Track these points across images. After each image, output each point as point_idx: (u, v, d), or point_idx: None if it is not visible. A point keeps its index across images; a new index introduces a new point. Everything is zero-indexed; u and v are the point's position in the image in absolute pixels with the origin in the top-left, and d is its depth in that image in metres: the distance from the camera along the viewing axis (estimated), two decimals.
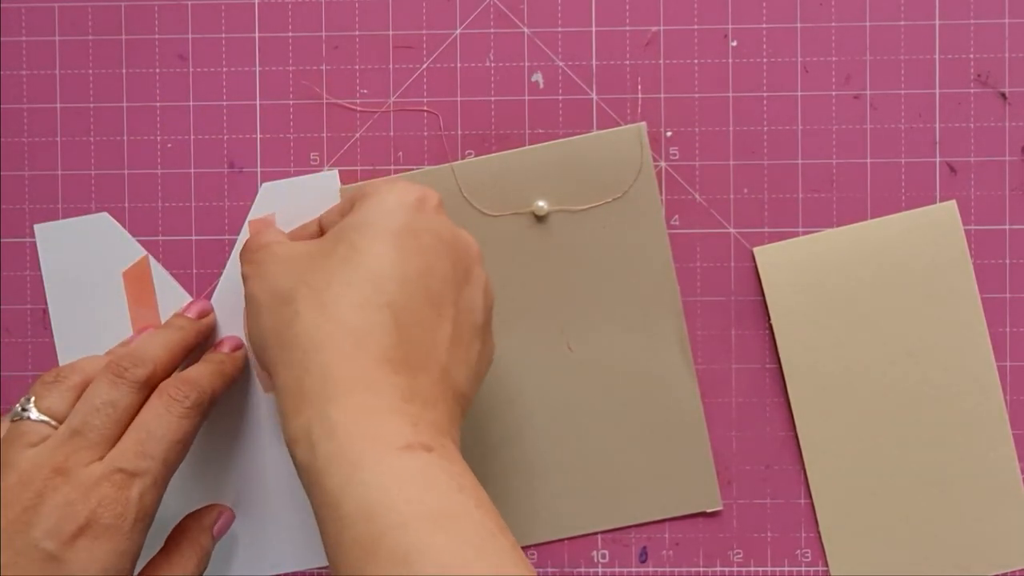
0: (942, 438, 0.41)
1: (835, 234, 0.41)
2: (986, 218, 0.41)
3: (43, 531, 0.31)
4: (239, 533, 0.41)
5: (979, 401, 0.41)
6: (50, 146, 0.42)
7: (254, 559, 0.41)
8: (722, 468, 0.42)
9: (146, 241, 0.42)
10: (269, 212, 0.41)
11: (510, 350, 0.41)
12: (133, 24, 0.42)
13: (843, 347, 0.41)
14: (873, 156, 0.41)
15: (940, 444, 0.41)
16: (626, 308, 0.41)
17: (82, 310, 0.42)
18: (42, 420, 0.34)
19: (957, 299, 0.41)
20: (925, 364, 0.41)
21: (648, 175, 0.41)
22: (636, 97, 0.41)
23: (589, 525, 0.42)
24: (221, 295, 0.41)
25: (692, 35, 0.41)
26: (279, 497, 0.41)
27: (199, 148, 0.42)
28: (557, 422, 0.41)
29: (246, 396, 0.41)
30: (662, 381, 0.41)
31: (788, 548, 0.42)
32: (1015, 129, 0.41)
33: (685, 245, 0.42)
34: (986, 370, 0.41)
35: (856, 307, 0.41)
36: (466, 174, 0.41)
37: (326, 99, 0.42)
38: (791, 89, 0.41)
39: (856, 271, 0.41)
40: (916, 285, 0.41)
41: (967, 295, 0.41)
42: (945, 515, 0.41)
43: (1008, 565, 0.41)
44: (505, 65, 0.42)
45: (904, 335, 0.41)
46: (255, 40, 0.42)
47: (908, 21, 0.41)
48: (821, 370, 0.41)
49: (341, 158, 0.42)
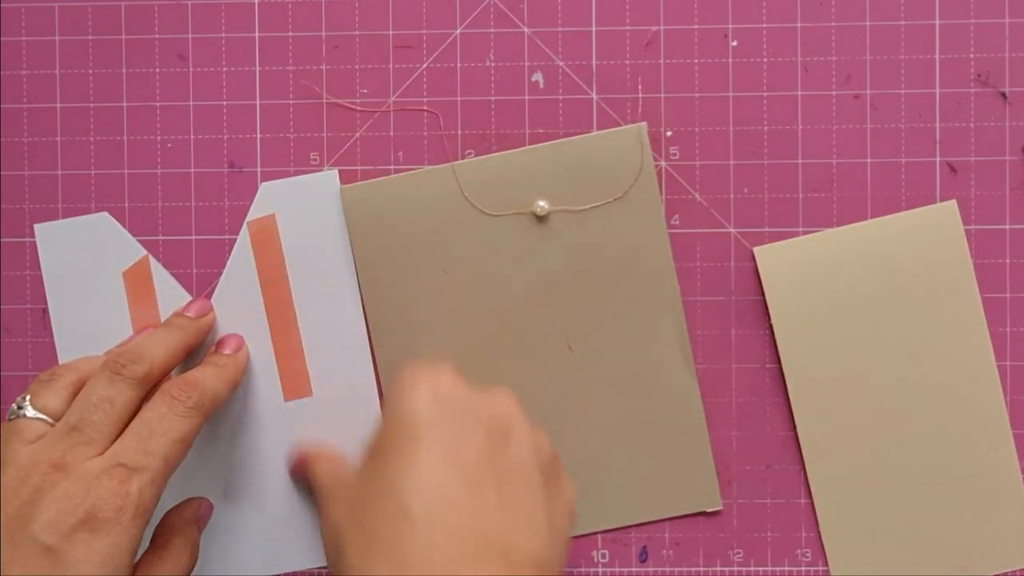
0: (942, 438, 0.41)
1: (835, 234, 0.41)
2: (986, 218, 0.41)
3: (42, 525, 0.31)
4: (238, 533, 0.41)
5: (979, 401, 0.41)
6: (50, 146, 0.42)
7: (253, 559, 0.41)
8: (722, 468, 0.42)
9: (146, 241, 0.42)
10: (268, 212, 0.41)
11: (510, 350, 0.41)
12: (133, 24, 0.42)
13: (843, 347, 0.41)
14: (873, 156, 0.41)
15: (940, 444, 0.41)
16: (626, 308, 0.41)
17: (82, 310, 0.42)
18: (38, 417, 0.34)
19: (957, 299, 0.41)
20: (925, 364, 0.41)
21: (648, 175, 0.41)
22: (636, 97, 0.41)
23: (589, 525, 0.42)
24: (221, 294, 0.41)
25: (692, 35, 0.41)
26: (278, 496, 0.41)
27: (199, 148, 0.42)
28: (557, 422, 0.41)
29: (247, 397, 0.41)
30: (662, 381, 0.41)
31: (788, 548, 0.42)
32: (1015, 129, 0.41)
33: (685, 245, 0.42)
34: (986, 370, 0.41)
35: (856, 307, 0.41)
36: (467, 174, 0.41)
37: (326, 99, 0.42)
38: (791, 89, 0.41)
39: (857, 271, 0.41)
40: (917, 285, 0.41)
41: (967, 295, 0.41)
42: (945, 515, 0.41)
43: (1008, 565, 0.41)
44: (505, 65, 0.42)
45: (904, 335, 0.41)
46: (255, 40, 0.42)
47: (908, 21, 0.41)
48: (821, 370, 0.41)
49: (341, 158, 0.42)
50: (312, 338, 0.41)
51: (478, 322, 0.41)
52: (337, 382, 0.41)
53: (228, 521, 0.41)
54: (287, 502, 0.41)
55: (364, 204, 0.41)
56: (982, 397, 0.41)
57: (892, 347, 0.41)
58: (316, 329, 0.41)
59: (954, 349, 0.41)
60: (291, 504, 0.41)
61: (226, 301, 0.41)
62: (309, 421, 0.41)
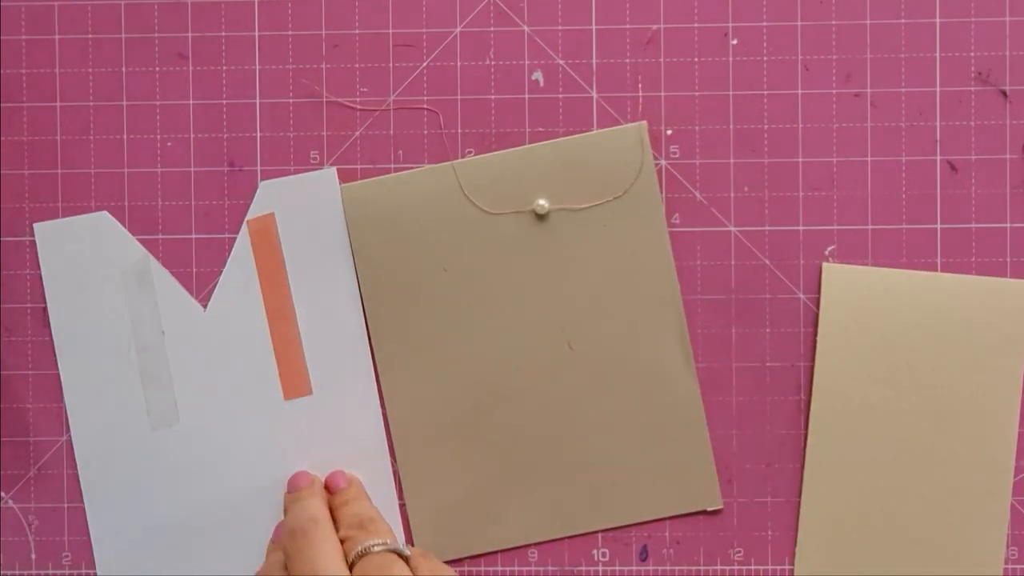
0: (940, 504, 0.41)
1: (908, 275, 0.41)
2: (987, 216, 0.41)
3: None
4: (237, 533, 0.41)
5: (985, 478, 0.40)
6: (50, 145, 0.42)
7: (252, 559, 0.41)
8: (722, 467, 0.42)
9: (146, 240, 0.42)
10: (268, 211, 0.41)
11: (510, 349, 0.41)
12: (133, 23, 0.42)
13: (877, 381, 0.41)
14: (874, 154, 0.41)
15: (936, 508, 0.40)
16: (626, 306, 0.41)
17: (82, 309, 0.42)
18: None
19: (1000, 376, 0.40)
20: (947, 426, 0.40)
21: (649, 173, 0.41)
22: (636, 95, 0.41)
23: (589, 524, 0.42)
24: (221, 294, 0.41)
25: (692, 33, 0.41)
26: (277, 496, 0.41)
27: (199, 147, 0.42)
28: (557, 421, 0.41)
29: (246, 397, 0.41)
30: (662, 380, 0.41)
31: (788, 546, 0.42)
32: (1016, 127, 0.41)
33: (686, 243, 0.42)
34: (1004, 447, 0.40)
35: (903, 350, 0.41)
36: (467, 173, 0.41)
37: (326, 97, 0.42)
38: (791, 87, 0.41)
39: (917, 317, 0.40)
40: (969, 352, 0.40)
41: (1011, 375, 0.40)
42: (919, 567, 0.41)
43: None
44: (505, 63, 0.42)
45: (937, 395, 0.40)
46: (255, 38, 0.42)
47: (908, 19, 0.41)
48: (848, 399, 0.41)
49: (341, 157, 0.42)
50: (312, 337, 0.41)
51: (478, 320, 0.41)
52: (337, 381, 0.41)
53: (227, 520, 0.41)
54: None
55: (364, 203, 0.41)
56: (990, 475, 0.41)
57: (922, 400, 0.40)
58: (316, 328, 0.41)
59: (979, 422, 0.40)
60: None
61: (226, 300, 0.41)
62: (309, 420, 0.41)
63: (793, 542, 0.41)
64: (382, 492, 0.41)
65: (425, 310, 0.41)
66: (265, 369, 0.41)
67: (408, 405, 0.41)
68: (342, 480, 0.40)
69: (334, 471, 0.41)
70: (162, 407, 0.41)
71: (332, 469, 0.41)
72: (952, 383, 0.41)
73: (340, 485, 0.40)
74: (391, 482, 0.41)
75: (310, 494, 0.39)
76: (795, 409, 0.41)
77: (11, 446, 0.42)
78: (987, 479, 0.40)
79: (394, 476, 0.41)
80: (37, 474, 0.42)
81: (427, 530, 0.41)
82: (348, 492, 0.40)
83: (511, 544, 0.42)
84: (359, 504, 0.39)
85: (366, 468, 0.41)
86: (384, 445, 0.41)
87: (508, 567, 0.42)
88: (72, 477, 0.42)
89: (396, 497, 0.42)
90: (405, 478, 0.41)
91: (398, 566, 0.35)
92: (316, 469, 0.41)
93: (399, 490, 0.42)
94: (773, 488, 0.42)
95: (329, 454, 0.41)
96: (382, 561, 0.35)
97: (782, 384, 0.42)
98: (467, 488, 0.41)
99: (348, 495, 0.39)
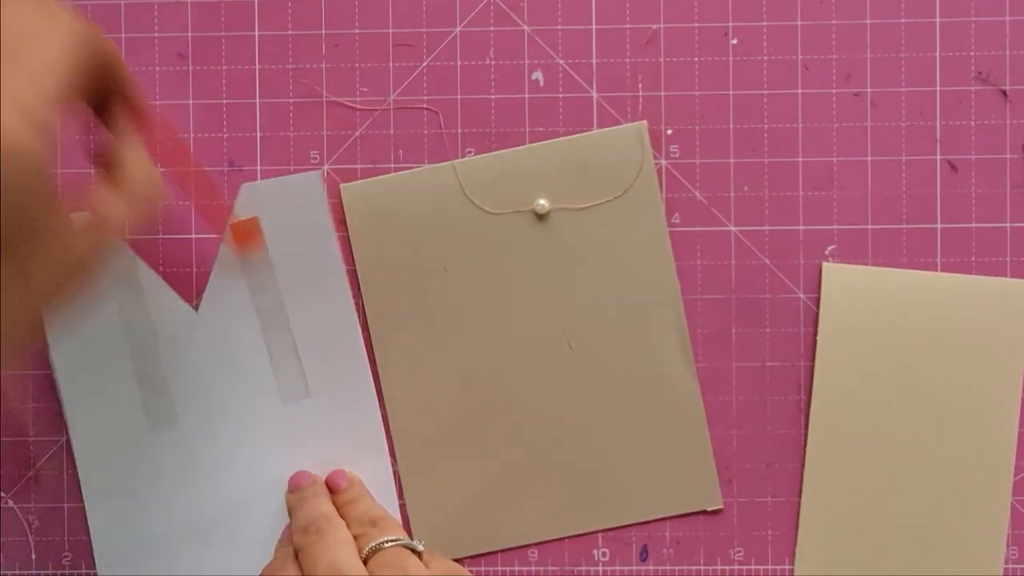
0: (940, 504, 0.41)
1: (910, 275, 0.41)
2: (987, 216, 0.41)
3: None
4: (236, 535, 0.41)
5: (985, 478, 0.40)
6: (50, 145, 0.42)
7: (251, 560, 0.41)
8: (723, 466, 0.42)
9: (146, 240, 0.42)
10: (252, 215, 0.41)
11: (510, 349, 0.41)
12: (132, 22, 0.42)
13: (877, 380, 0.41)
14: (874, 154, 0.41)
15: (936, 508, 0.40)
16: (627, 306, 0.41)
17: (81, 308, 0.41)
18: None
19: (1000, 376, 0.40)
20: (947, 427, 0.40)
21: (649, 173, 0.41)
22: (636, 95, 0.41)
23: (589, 523, 0.42)
24: (210, 298, 0.41)
25: (692, 33, 0.41)
26: (277, 499, 0.41)
27: (198, 146, 0.42)
28: (557, 421, 0.41)
29: (245, 400, 0.41)
30: (663, 379, 0.41)
31: (789, 546, 0.42)
32: (1016, 127, 0.41)
33: (686, 243, 0.41)
34: (1004, 447, 0.40)
35: (904, 351, 0.41)
36: (467, 172, 0.41)
37: (326, 97, 0.42)
38: (791, 87, 0.41)
39: (918, 318, 0.40)
40: (970, 353, 0.40)
41: (1011, 375, 0.40)
42: (917, 567, 0.41)
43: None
44: (505, 63, 0.42)
45: (938, 395, 0.40)
46: (255, 38, 0.42)
47: (908, 19, 0.41)
48: (848, 399, 0.41)
49: (341, 156, 0.42)
50: (306, 339, 0.41)
51: (478, 320, 0.41)
52: (335, 382, 0.41)
53: (227, 520, 0.41)
54: (285, 504, 0.41)
55: (364, 203, 0.41)
56: (991, 473, 0.41)
57: (922, 400, 0.40)
58: (309, 330, 0.41)
59: (979, 422, 0.40)
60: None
61: (217, 303, 0.41)
62: (307, 421, 0.41)
63: (793, 542, 0.41)
64: (382, 492, 0.41)
65: (425, 310, 0.41)
66: (262, 371, 0.41)
67: (408, 405, 0.41)
68: (343, 480, 0.40)
69: (334, 471, 0.41)
70: (159, 409, 0.41)
71: (332, 469, 0.41)
72: (952, 383, 0.41)
73: (341, 485, 0.40)
74: (391, 482, 0.41)
75: (316, 493, 0.39)
76: (795, 409, 0.42)
77: (11, 446, 0.42)
78: (987, 479, 0.40)
79: (394, 476, 0.41)
80: (37, 474, 0.42)
81: (427, 530, 0.41)
82: (351, 491, 0.40)
83: (511, 544, 0.42)
84: (365, 502, 0.39)
85: (366, 468, 0.41)
86: (384, 445, 0.41)
87: (508, 567, 0.42)
88: (72, 477, 0.42)
89: (396, 497, 0.42)
90: (405, 478, 0.41)
91: (412, 561, 0.35)
92: (316, 469, 0.41)
93: (399, 490, 0.42)
94: (773, 488, 0.42)
95: (329, 454, 0.41)
96: (396, 556, 0.35)
97: (782, 384, 0.42)
98: (467, 488, 0.41)
99: (352, 494, 0.39)
